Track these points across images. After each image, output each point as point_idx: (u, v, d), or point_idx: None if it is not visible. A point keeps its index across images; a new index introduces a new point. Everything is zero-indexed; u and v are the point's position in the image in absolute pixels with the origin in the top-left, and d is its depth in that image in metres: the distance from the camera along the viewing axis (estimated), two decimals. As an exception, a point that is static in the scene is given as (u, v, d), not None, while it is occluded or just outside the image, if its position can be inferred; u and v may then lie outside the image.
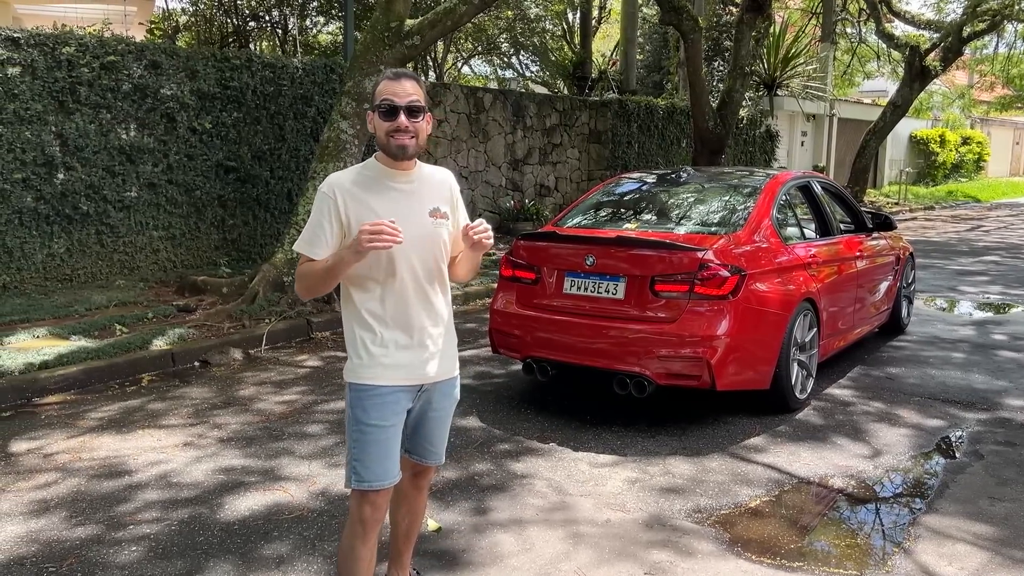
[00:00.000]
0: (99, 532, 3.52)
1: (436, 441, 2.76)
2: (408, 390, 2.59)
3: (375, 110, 2.50)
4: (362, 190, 2.51)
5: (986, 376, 5.92)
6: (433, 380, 2.63)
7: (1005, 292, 9.50)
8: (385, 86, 2.49)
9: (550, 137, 14.25)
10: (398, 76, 2.50)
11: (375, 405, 2.52)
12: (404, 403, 2.59)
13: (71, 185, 7.81)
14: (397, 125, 2.46)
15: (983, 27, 19.59)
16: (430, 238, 2.56)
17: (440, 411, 2.71)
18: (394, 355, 2.54)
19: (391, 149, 2.49)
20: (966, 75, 35.61)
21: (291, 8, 14.12)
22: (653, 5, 17.22)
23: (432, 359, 2.61)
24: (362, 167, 2.59)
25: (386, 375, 2.53)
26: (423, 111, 2.50)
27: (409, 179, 2.57)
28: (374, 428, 2.52)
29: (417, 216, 2.53)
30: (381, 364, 2.53)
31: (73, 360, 5.69)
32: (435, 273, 2.59)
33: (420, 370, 2.58)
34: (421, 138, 2.52)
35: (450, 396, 2.75)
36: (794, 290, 5.08)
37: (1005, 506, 3.81)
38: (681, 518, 3.68)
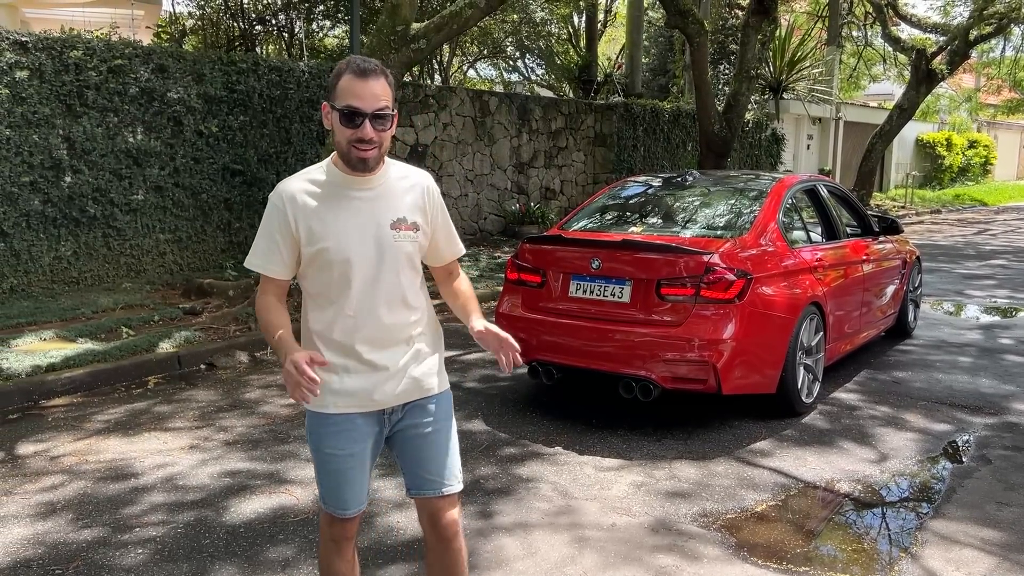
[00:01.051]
0: (105, 534, 3.53)
1: (428, 465, 2.39)
2: (367, 416, 2.33)
3: (334, 110, 2.18)
4: (315, 199, 2.23)
5: (993, 380, 5.90)
6: (398, 402, 2.35)
7: (1012, 296, 9.46)
8: (349, 84, 2.15)
9: (555, 140, 14.25)
10: (364, 73, 2.15)
11: (328, 434, 2.31)
12: (364, 429, 2.32)
13: (78, 188, 7.83)
14: (360, 135, 2.16)
15: (990, 30, 19.53)
16: (391, 253, 2.26)
17: (423, 428, 2.38)
18: (344, 381, 2.29)
19: (351, 160, 2.20)
20: (973, 78, 35.51)
21: (297, 12, 14.16)
22: (659, 9, 17.22)
23: (390, 382, 2.31)
24: (317, 171, 2.29)
25: (336, 402, 2.29)
26: (391, 117, 2.20)
27: (370, 186, 2.26)
28: (328, 456, 2.32)
29: (376, 229, 2.25)
30: (330, 390, 2.28)
31: (80, 362, 5.71)
32: (398, 290, 2.30)
33: (374, 396, 2.30)
34: (385, 147, 2.23)
35: (429, 412, 2.40)
36: (800, 294, 5.06)
37: (1013, 511, 3.79)
38: (687, 522, 3.67)
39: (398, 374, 2.32)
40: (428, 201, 2.37)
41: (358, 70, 2.16)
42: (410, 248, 2.31)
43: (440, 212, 2.42)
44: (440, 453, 2.40)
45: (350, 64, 2.18)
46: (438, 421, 2.41)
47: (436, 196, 2.41)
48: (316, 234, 2.22)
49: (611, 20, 23.74)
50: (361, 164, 2.20)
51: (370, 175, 2.26)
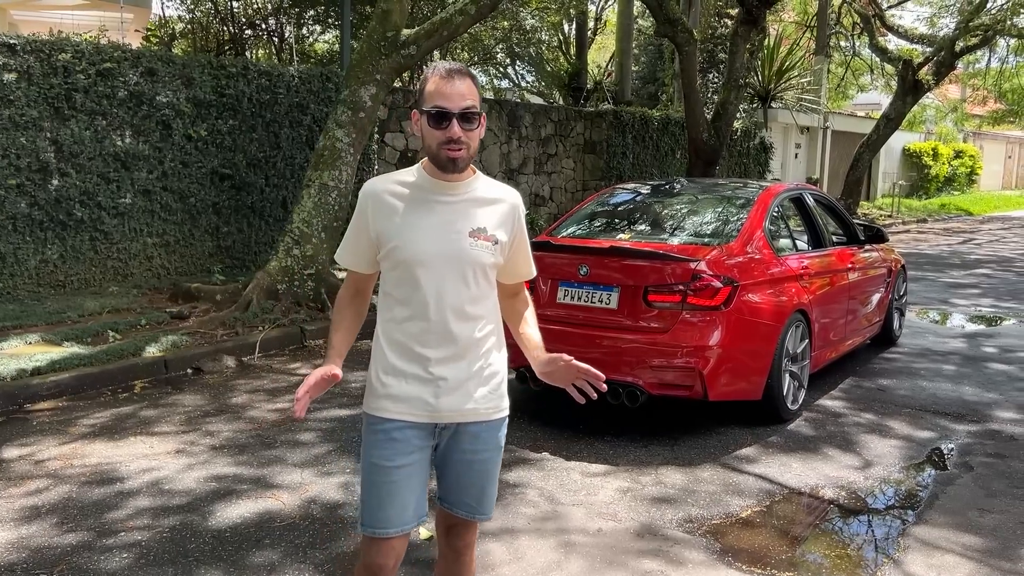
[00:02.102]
0: (89, 539, 3.51)
1: (468, 490, 2.33)
2: (420, 427, 2.26)
3: (423, 113, 2.18)
4: (398, 199, 2.24)
5: (976, 388, 5.95)
6: (450, 420, 2.27)
7: (996, 305, 9.55)
8: (436, 86, 2.16)
9: (545, 147, 14.29)
10: (451, 74, 2.16)
11: (379, 441, 2.25)
12: (416, 442, 2.26)
13: (65, 191, 7.80)
14: (449, 135, 2.15)
15: (975, 42, 19.76)
16: (465, 261, 2.22)
17: (468, 455, 2.31)
18: (403, 386, 2.24)
19: (441, 161, 2.19)
20: (959, 89, 35.87)
21: (288, 17, 14.16)
22: (648, 17, 17.32)
23: (448, 394, 2.24)
24: (407, 173, 2.30)
25: (392, 408, 2.25)
26: (479, 117, 2.19)
27: (455, 193, 2.24)
28: (376, 467, 2.25)
29: (454, 235, 2.22)
30: (388, 395, 2.25)
31: (65, 366, 5.68)
32: (467, 300, 2.24)
33: (429, 406, 2.24)
34: (474, 147, 2.22)
35: (483, 440, 2.31)
36: (786, 301, 5.10)
37: (994, 517, 3.83)
38: (672, 528, 3.69)
39: (458, 388, 2.26)
40: (513, 219, 2.33)
41: (444, 72, 2.17)
42: (487, 259, 2.25)
43: (521, 232, 2.39)
44: (481, 483, 2.34)
45: (436, 68, 2.20)
46: (489, 451, 2.33)
47: (521, 215, 2.37)
48: (391, 233, 2.21)
49: (601, 28, 23.85)
50: (451, 164, 2.19)
51: (457, 181, 2.24)
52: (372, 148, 10.13)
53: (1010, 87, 30.15)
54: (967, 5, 20.01)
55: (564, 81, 19.30)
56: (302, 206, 7.73)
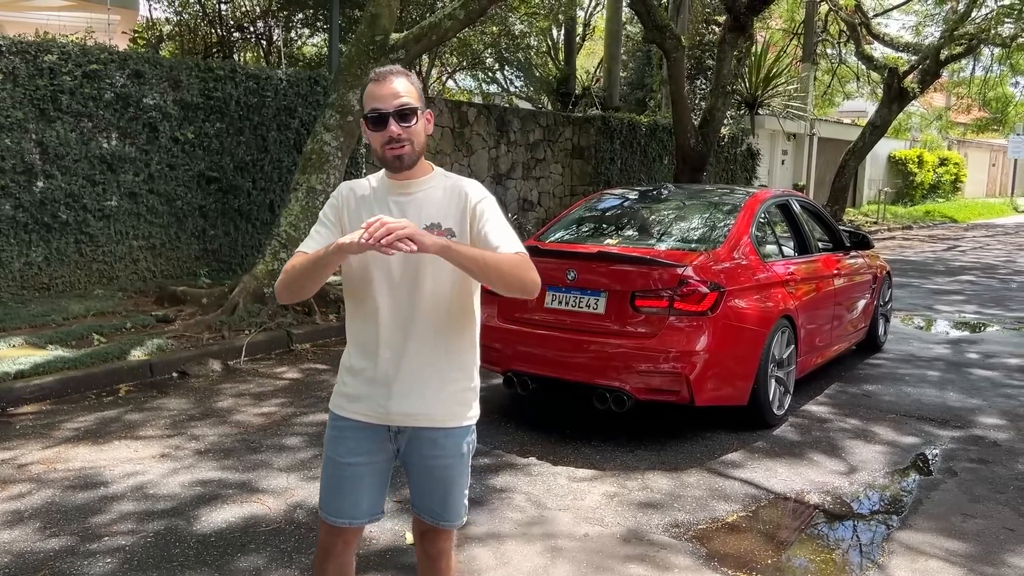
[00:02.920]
0: (73, 544, 3.48)
1: (431, 496, 2.32)
2: (373, 429, 2.26)
3: (364, 119, 2.22)
4: (363, 201, 2.28)
5: (960, 394, 6.00)
6: (401, 423, 2.25)
7: (980, 311, 9.63)
8: (370, 90, 2.20)
9: (533, 152, 14.31)
10: (383, 76, 2.20)
11: (334, 437, 2.30)
12: (369, 444, 2.27)
13: (50, 193, 7.75)
14: (388, 135, 2.17)
15: (960, 50, 19.93)
16: (419, 259, 2.16)
17: (429, 461, 2.28)
18: (358, 386, 2.25)
19: (387, 161, 2.21)
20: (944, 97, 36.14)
21: (276, 20, 14.12)
22: (637, 23, 17.39)
23: (401, 397, 2.22)
24: (375, 177, 2.34)
25: (347, 407, 2.28)
26: (416, 112, 2.19)
27: (409, 191, 2.25)
28: (331, 461, 2.30)
29: None
30: (345, 393, 2.29)
31: (49, 369, 5.64)
32: (425, 298, 2.21)
33: (381, 407, 2.23)
34: (418, 143, 2.21)
35: (443, 447, 2.27)
36: (772, 307, 5.13)
37: (977, 523, 3.85)
38: (659, 533, 3.69)
39: (412, 391, 2.22)
40: (465, 207, 2.23)
41: (376, 75, 2.21)
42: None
43: (484, 216, 2.23)
44: (444, 489, 2.31)
45: (372, 73, 2.25)
46: (449, 458, 2.29)
47: (479, 205, 2.24)
48: (352, 229, 2.18)
49: (590, 34, 23.92)
50: (396, 162, 2.20)
51: (411, 179, 2.25)
52: (360, 152, 10.12)
53: (994, 96, 30.41)
54: (952, 14, 20.19)
55: (553, 86, 19.35)
56: (289, 209, 7.71)
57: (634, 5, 12.46)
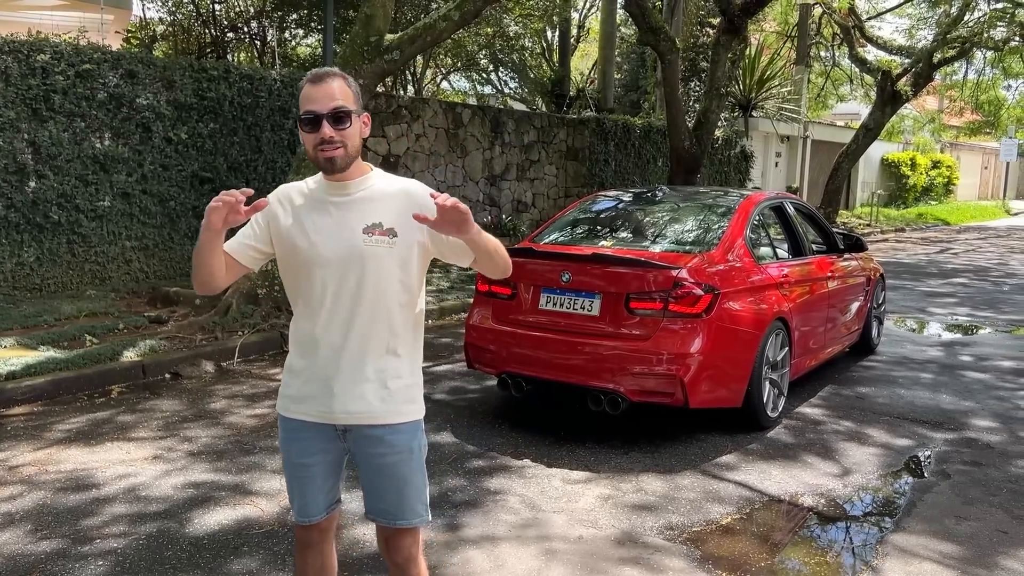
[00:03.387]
0: (64, 546, 3.46)
1: (383, 495, 2.31)
2: (319, 428, 2.28)
3: (298, 120, 2.22)
4: (300, 200, 2.29)
5: (953, 396, 6.01)
6: (345, 422, 2.26)
7: (973, 314, 9.66)
8: (306, 92, 2.19)
9: (528, 153, 14.32)
10: (319, 78, 2.19)
11: (285, 439, 2.35)
12: (318, 443, 2.30)
13: (43, 193, 7.72)
14: (321, 136, 2.16)
15: (953, 54, 20.02)
16: (359, 258, 2.20)
17: (376, 459, 2.28)
18: (300, 386, 2.28)
19: (320, 163, 2.20)
20: (936, 100, 36.32)
21: (270, 20, 14.10)
22: (631, 25, 17.41)
23: (343, 396, 2.23)
24: (312, 179, 2.34)
25: (293, 408, 2.30)
26: (350, 115, 2.18)
27: (347, 192, 2.25)
28: (286, 463, 2.37)
29: (345, 233, 2.21)
30: (289, 395, 2.31)
31: (41, 370, 5.61)
32: (365, 299, 2.22)
33: (325, 407, 2.25)
34: (352, 146, 2.20)
35: (388, 444, 2.26)
36: (766, 309, 5.13)
37: (970, 525, 3.86)
38: (653, 535, 3.69)
39: (352, 391, 2.23)
40: (410, 207, 2.21)
41: (312, 77, 2.21)
42: (384, 255, 2.21)
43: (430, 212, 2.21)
44: (396, 486, 2.30)
45: (308, 75, 2.24)
46: (397, 454, 2.28)
47: (422, 204, 2.21)
48: (289, 231, 2.26)
49: (584, 36, 23.93)
50: (328, 164, 2.20)
51: (349, 180, 2.26)
52: (354, 153, 10.10)
53: (986, 99, 30.58)
54: (945, 18, 20.27)
55: (547, 88, 19.36)
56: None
57: (629, 7, 12.48)
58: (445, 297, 9.11)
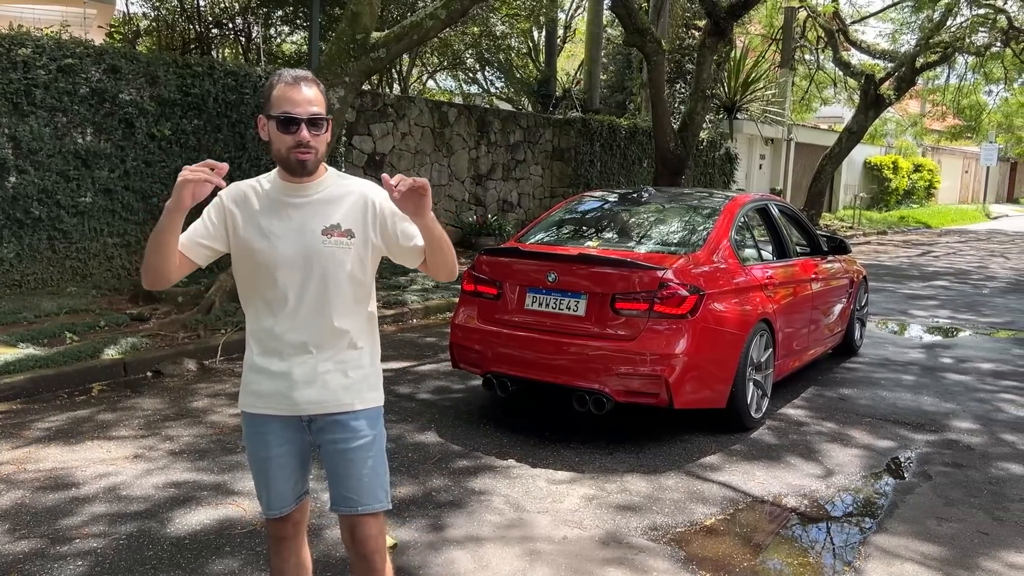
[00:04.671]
0: (42, 546, 3.42)
1: (346, 483, 2.36)
2: (284, 420, 2.36)
3: (270, 119, 2.24)
4: (256, 200, 2.32)
5: (935, 398, 6.06)
6: (310, 412, 2.34)
7: (953, 316, 9.74)
8: (283, 92, 2.22)
9: (514, 153, 14.31)
10: (297, 81, 2.24)
11: (249, 435, 2.41)
12: (285, 434, 2.37)
13: (23, 189, 7.63)
14: (298, 139, 2.21)
15: (935, 59, 20.20)
16: (318, 258, 2.28)
17: (340, 444, 2.34)
18: (263, 381, 2.34)
19: (291, 165, 2.25)
20: (919, 104, 36.64)
21: (255, 16, 14.01)
22: (618, 26, 17.44)
23: (306, 388, 2.31)
24: (264, 179, 2.36)
25: (257, 404, 2.36)
26: (326, 122, 2.27)
27: (306, 193, 2.31)
28: (252, 459, 2.43)
29: (305, 235, 2.28)
30: (252, 391, 2.37)
31: (20, 368, 5.54)
32: (325, 297, 2.30)
33: (287, 399, 2.32)
34: (322, 151, 2.29)
35: (351, 429, 2.34)
36: (751, 310, 5.15)
37: (952, 526, 3.89)
38: (637, 535, 3.69)
39: (315, 381, 2.32)
40: (366, 207, 2.33)
41: (291, 79, 2.24)
42: (342, 255, 2.30)
43: (399, 217, 2.32)
44: (359, 471, 2.36)
45: (282, 75, 2.26)
46: (360, 438, 2.35)
47: (378, 205, 2.33)
48: (247, 232, 2.30)
49: (571, 36, 23.97)
50: (301, 167, 2.25)
51: (308, 182, 2.31)
52: (340, 151, 10.06)
53: (968, 103, 30.89)
54: (927, 23, 20.46)
55: (533, 88, 19.37)
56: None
57: (615, 8, 12.50)
58: (430, 296, 9.09)
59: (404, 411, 5.35)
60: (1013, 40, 20.11)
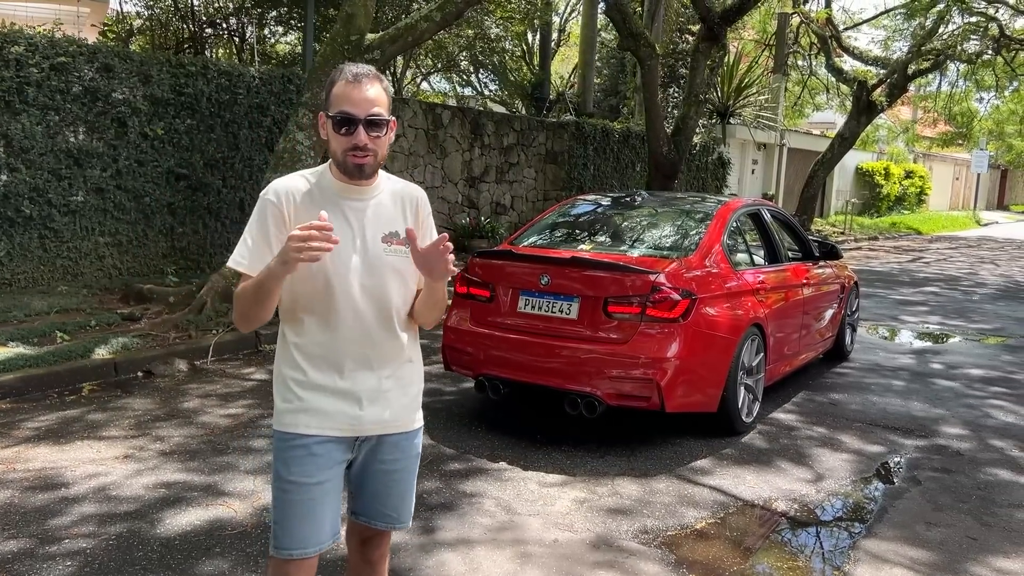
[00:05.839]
0: (31, 546, 3.40)
1: (387, 501, 2.29)
2: (340, 441, 2.19)
3: (329, 118, 2.11)
4: (311, 201, 2.14)
5: (924, 404, 6.09)
6: (372, 432, 2.21)
7: (943, 322, 9.79)
8: (343, 90, 2.09)
9: (507, 156, 14.32)
10: (358, 78, 2.09)
11: (297, 458, 2.15)
12: (336, 456, 2.19)
13: (14, 187, 7.59)
14: (355, 142, 2.08)
15: (927, 65, 20.32)
16: (380, 267, 2.16)
17: (388, 464, 2.26)
18: (322, 400, 2.16)
19: (347, 168, 2.12)
20: (911, 111, 36.82)
21: (250, 17, 13.99)
22: (612, 30, 17.48)
23: (371, 406, 2.19)
24: (312, 175, 2.20)
25: (311, 423, 2.15)
26: (386, 124, 2.13)
27: (364, 197, 2.18)
28: (294, 485, 2.15)
29: (367, 241, 2.15)
30: (306, 410, 2.16)
31: (10, 367, 5.52)
32: (386, 308, 2.18)
33: (353, 419, 2.18)
34: (382, 154, 2.15)
35: (403, 449, 2.28)
36: (742, 315, 5.16)
37: (940, 531, 3.91)
38: (628, 539, 3.70)
39: (380, 400, 2.20)
40: (418, 217, 2.26)
41: (352, 76, 2.10)
42: (400, 264, 2.18)
43: (429, 228, 2.29)
44: (403, 490, 2.31)
45: (344, 71, 2.12)
46: (408, 459, 2.30)
47: (425, 212, 2.29)
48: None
49: (565, 40, 24.01)
50: (357, 171, 2.12)
51: (366, 185, 2.18)
52: (333, 152, 10.05)
53: (959, 110, 31.07)
54: (920, 30, 20.58)
55: (527, 91, 19.39)
56: (260, 209, 7.61)
57: (609, 12, 12.53)
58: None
59: (396, 413, 5.34)
60: (1004, 48, 20.25)
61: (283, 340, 2.22)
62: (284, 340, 2.22)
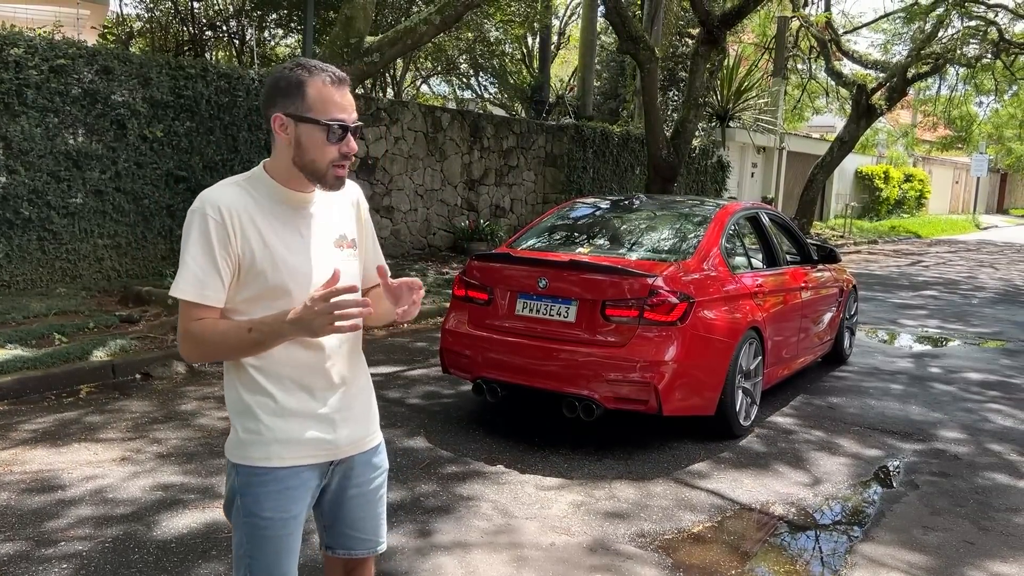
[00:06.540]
0: (27, 549, 3.40)
1: (365, 526, 2.12)
2: (314, 468, 2.00)
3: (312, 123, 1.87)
4: (257, 214, 1.90)
5: (923, 408, 6.09)
6: (349, 452, 2.04)
7: (942, 326, 9.79)
8: (329, 95, 1.88)
9: (506, 159, 14.33)
10: (343, 82, 1.92)
11: (271, 493, 1.94)
12: (310, 485, 2.00)
13: (13, 189, 7.59)
14: (346, 150, 1.91)
15: (927, 69, 20.35)
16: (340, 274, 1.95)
17: (363, 486, 2.09)
18: (295, 427, 1.94)
19: (328, 180, 1.92)
20: (910, 114, 36.88)
21: (249, 19, 14.01)
22: (611, 33, 17.51)
23: (343, 427, 2.01)
24: (247, 182, 1.95)
25: (284, 454, 1.94)
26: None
27: (308, 203, 1.97)
28: (270, 521, 1.94)
29: (322, 249, 1.97)
30: (278, 440, 1.93)
31: (7, 369, 5.51)
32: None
33: (328, 444, 1.99)
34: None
35: (375, 465, 2.12)
36: (740, 318, 5.16)
37: (937, 535, 3.91)
38: (625, 542, 3.69)
39: (350, 418, 2.03)
40: (359, 213, 2.12)
41: (335, 78, 1.90)
42: (354, 268, 2.05)
43: (368, 225, 2.16)
44: (375, 513, 2.14)
45: (322, 72, 1.88)
46: (383, 473, 2.15)
47: (364, 207, 2.15)
48: (259, 255, 1.89)
49: (564, 43, 24.05)
50: (338, 183, 1.95)
51: (308, 191, 1.99)
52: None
53: (958, 114, 31.11)
54: (919, 34, 20.61)
55: (527, 94, 19.41)
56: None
57: (609, 16, 12.54)
58: (422, 302, 9.07)
59: (393, 416, 5.34)
60: (1004, 52, 20.29)
61: (238, 365, 1.95)
62: (240, 365, 1.95)
